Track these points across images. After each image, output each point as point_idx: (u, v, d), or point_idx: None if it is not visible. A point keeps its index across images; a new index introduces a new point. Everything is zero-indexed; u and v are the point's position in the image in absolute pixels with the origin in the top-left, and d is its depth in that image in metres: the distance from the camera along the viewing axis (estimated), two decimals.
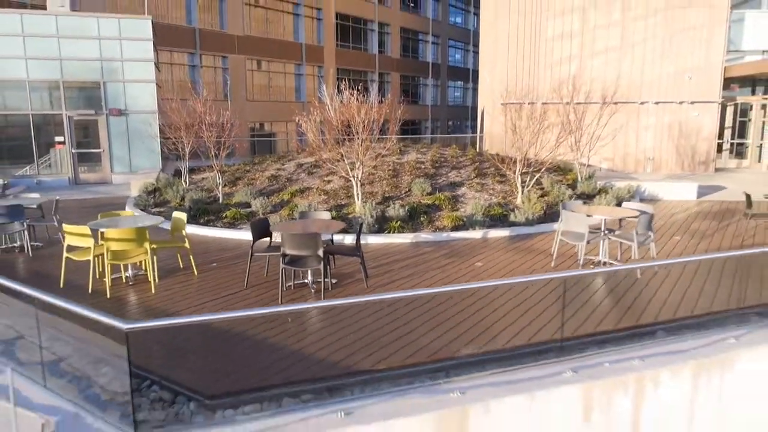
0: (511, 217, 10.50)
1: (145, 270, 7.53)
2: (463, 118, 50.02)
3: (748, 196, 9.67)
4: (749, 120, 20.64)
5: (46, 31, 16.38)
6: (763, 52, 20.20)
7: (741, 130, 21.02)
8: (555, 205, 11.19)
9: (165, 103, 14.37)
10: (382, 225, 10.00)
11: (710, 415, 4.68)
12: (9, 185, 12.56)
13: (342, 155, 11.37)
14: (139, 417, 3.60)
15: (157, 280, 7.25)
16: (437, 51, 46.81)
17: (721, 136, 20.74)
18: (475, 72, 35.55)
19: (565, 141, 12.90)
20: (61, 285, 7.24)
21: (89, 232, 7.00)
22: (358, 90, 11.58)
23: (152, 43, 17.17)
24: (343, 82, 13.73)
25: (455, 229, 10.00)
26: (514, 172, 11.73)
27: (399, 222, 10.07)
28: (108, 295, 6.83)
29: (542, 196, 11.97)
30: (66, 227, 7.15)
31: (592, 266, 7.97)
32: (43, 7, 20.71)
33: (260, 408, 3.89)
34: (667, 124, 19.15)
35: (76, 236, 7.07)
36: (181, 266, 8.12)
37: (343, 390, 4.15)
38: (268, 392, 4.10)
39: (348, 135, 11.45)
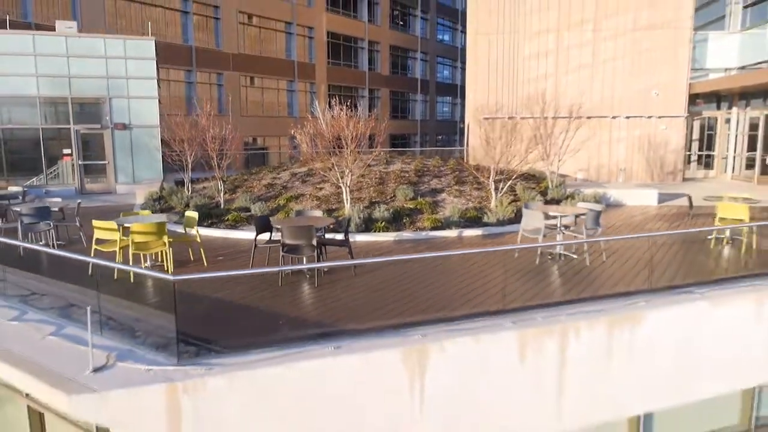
0: (485, 219, 11.87)
1: (162, 261, 8.79)
2: (451, 133, 51.66)
3: (689, 199, 11.10)
4: (715, 133, 22.26)
5: (57, 51, 17.73)
6: (726, 69, 21.89)
7: (708, 142, 22.63)
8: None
9: (170, 118, 15.69)
10: (368, 225, 11.33)
11: (623, 355, 6.00)
12: (27, 193, 13.75)
13: (333, 164, 12.72)
14: (180, 349, 4.87)
15: (172, 269, 8.51)
16: (426, 68, 48.61)
17: (689, 148, 22.33)
18: (463, 88, 37.10)
19: (536, 152, 14.35)
20: (90, 273, 8.47)
21: (116, 227, 8.27)
22: (348, 106, 12.98)
23: (155, 62, 18.55)
24: (335, 98, 15.14)
25: (434, 229, 11.34)
26: (489, 180, 13.13)
27: (384, 223, 11.41)
28: (132, 280, 8.08)
29: (514, 200, 13.36)
30: (96, 222, 8.42)
31: (549, 257, 9.31)
32: (51, 28, 22.14)
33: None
34: (637, 137, 20.71)
35: (104, 230, 8.34)
36: (192, 258, 9.37)
37: (334, 335, 5.45)
38: (278, 335, 5.40)
39: (338, 146, 12.80)
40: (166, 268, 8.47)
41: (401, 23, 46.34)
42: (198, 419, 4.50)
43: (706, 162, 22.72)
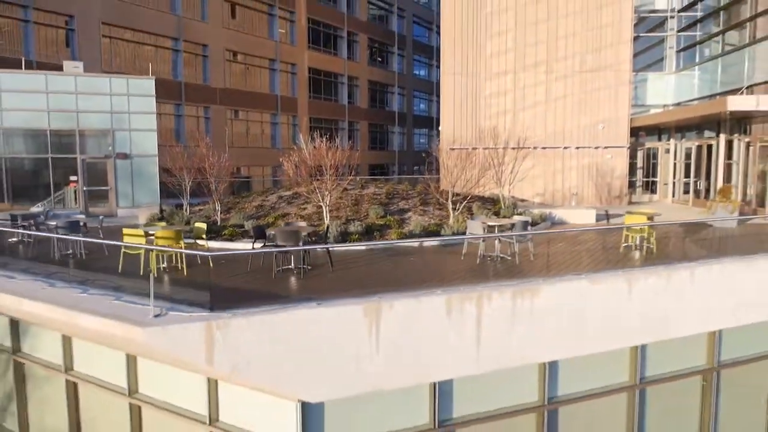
0: (442, 232, 14.44)
1: (175, 262, 11.13)
2: (428, 163, 54.70)
3: (606, 213, 13.79)
4: (657, 162, 25.36)
5: (66, 89, 20.19)
6: (664, 106, 25.14)
7: (652, 170, 25.72)
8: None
9: (170, 148, 18.15)
10: (345, 238, 13.81)
11: (526, 317, 8.50)
12: (48, 213, 15.94)
13: (315, 188, 15.24)
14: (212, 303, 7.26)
15: (185, 268, 10.86)
16: (403, 101, 51.92)
17: (634, 174, 25.37)
18: (438, 120, 40.34)
19: (489, 177, 17.08)
20: (119, 270, 10.79)
21: (143, 233, 10.64)
22: (328, 138, 15.58)
23: (154, 98, 21.10)
24: (316, 131, 17.74)
25: (400, 239, 13.85)
26: (447, 200, 15.77)
27: (358, 236, 13.90)
28: (155, 275, 10.40)
29: (471, 218, 15.96)
30: (126, 230, 10.79)
31: (489, 259, 11.85)
32: (51, 65, 24.65)
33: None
34: (587, 165, 23.67)
35: (132, 237, 10.69)
36: (199, 262, 11.72)
37: (317, 299, 7.88)
38: (279, 298, 7.82)
39: (320, 173, 15.35)
40: (180, 267, 10.81)
41: (379, 59, 49.73)
42: (225, 344, 6.87)
43: (651, 187, 25.75)
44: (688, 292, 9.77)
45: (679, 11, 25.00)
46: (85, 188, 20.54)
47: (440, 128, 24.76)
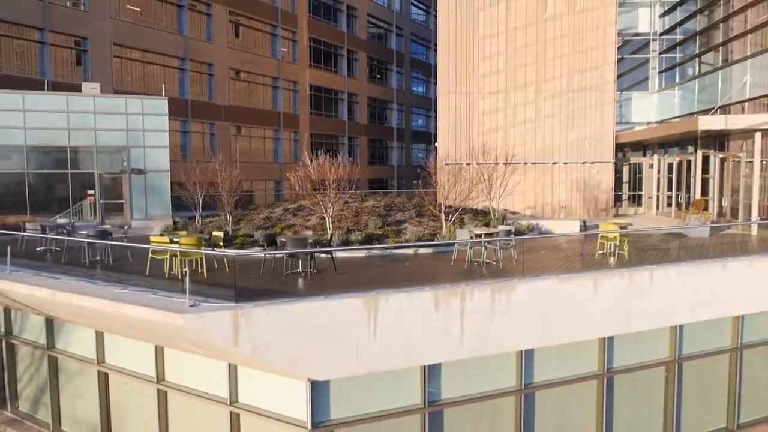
0: (435, 240, 15.95)
1: (196, 267, 12.61)
2: (423, 177, 56.51)
3: (584, 223, 15.30)
4: (642, 176, 26.95)
5: (85, 109, 21.82)
6: (648, 123, 26.78)
7: (638, 184, 27.30)
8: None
9: (183, 164, 19.70)
10: (346, 246, 15.30)
11: (504, 310, 9.99)
12: (74, 223, 17.46)
13: (319, 200, 16.77)
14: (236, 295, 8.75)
15: (205, 271, 12.35)
16: (401, 117, 53.71)
17: (620, 188, 26.95)
18: (435, 135, 42.08)
19: (480, 191, 18.63)
20: (147, 273, 12.27)
21: (168, 240, 12.14)
22: (329, 153, 17.13)
23: (167, 117, 22.73)
24: (320, 147, 19.31)
25: (397, 248, 15.35)
26: (440, 212, 17.31)
27: (358, 244, 15.40)
28: (179, 277, 11.89)
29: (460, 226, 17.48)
30: (153, 238, 12.30)
31: (476, 263, 13.33)
32: (65, 84, 26.30)
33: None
34: (574, 179, 25.25)
35: (160, 243, 12.19)
36: (216, 266, 13.22)
37: (322, 294, 9.38)
38: (290, 293, 9.32)
39: (323, 186, 16.89)
40: (200, 272, 12.30)
41: (378, 77, 51.60)
42: (248, 330, 8.35)
43: (637, 200, 27.32)
44: (648, 292, 11.26)
45: (660, 34, 26.74)
46: (101, 201, 22.08)
47: (436, 144, 26.36)
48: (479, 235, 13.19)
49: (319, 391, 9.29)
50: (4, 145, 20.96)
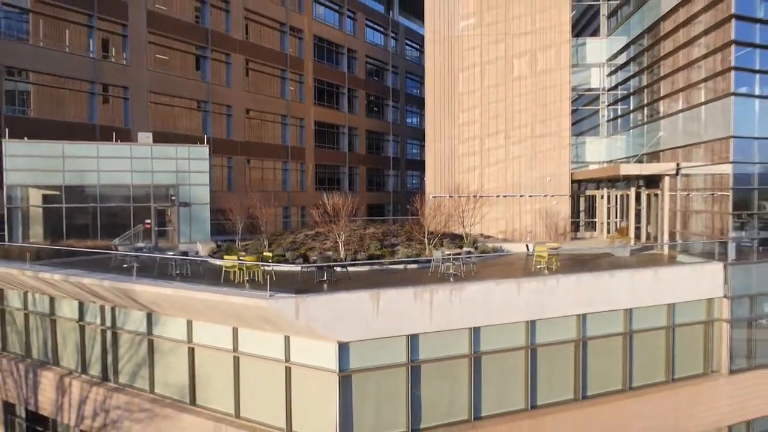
0: (420, 258, 22.48)
1: (255, 277, 19.10)
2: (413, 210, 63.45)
3: (527, 246, 21.88)
4: (595, 206, 33.66)
5: (144, 155, 28.50)
6: (600, 162, 33.58)
7: (592, 212, 34.00)
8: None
9: (223, 196, 26.31)
10: (355, 262, 21.83)
11: (459, 300, 16.49)
12: (150, 248, 23.91)
13: (332, 229, 23.32)
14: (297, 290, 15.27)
15: (261, 279, 18.84)
16: (397, 147, 60.67)
17: (577, 216, 33.64)
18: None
19: (455, 220, 25.25)
20: (221, 281, 18.72)
21: (236, 257, 18.66)
22: (333, 182, 23.74)
23: (208, 161, 29.41)
24: (324, 177, 25.91)
25: (391, 264, 21.89)
26: (424, 237, 23.90)
27: (363, 261, 21.94)
28: (245, 284, 18.33)
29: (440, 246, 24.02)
30: (225, 256, 18.81)
31: (446, 274, 19.83)
32: (111, 128, 33.00)
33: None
34: (538, 209, 31.93)
35: (230, 258, 18.69)
36: (265, 276, 19.68)
37: (350, 290, 15.92)
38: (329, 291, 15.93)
39: (336, 218, 23.46)
40: (258, 279, 18.78)
41: (376, 110, 58.65)
42: (304, 310, 14.85)
43: (592, 226, 34.01)
44: (555, 292, 17.82)
45: (608, 90, 33.69)
46: (155, 228, 28.66)
47: (425, 179, 33.11)
48: (448, 255, 19.78)
49: (343, 349, 15.76)
50: (80, 185, 27.59)
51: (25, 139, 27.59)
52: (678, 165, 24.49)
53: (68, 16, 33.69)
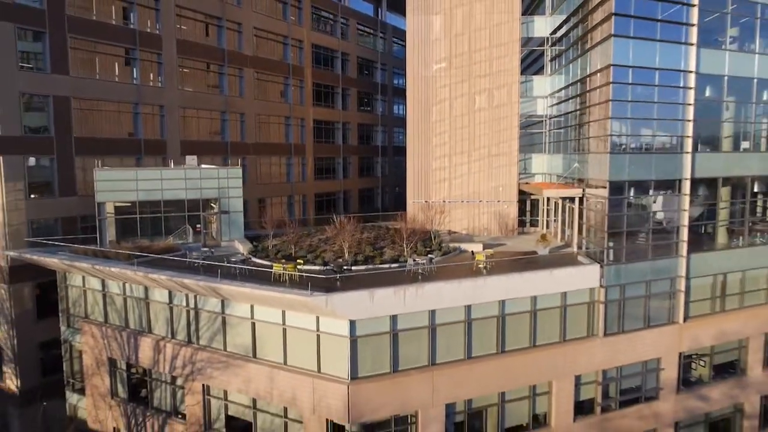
0: (401, 260, 34.75)
1: (294, 277, 31.26)
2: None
3: (473, 253, 34.08)
4: (538, 208, 45.99)
5: (193, 176, 40.22)
6: (543, 174, 45.71)
7: (536, 213, 46.33)
8: (420, 255, 35.56)
9: (254, 204, 38.32)
10: (355, 262, 34.06)
11: (420, 294, 28.87)
12: (213, 251, 35.85)
13: (340, 236, 35.38)
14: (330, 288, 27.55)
15: (297, 279, 31.01)
16: (385, 137, 72.24)
17: (524, 215, 45.99)
18: None
19: (426, 220, 37.47)
20: (272, 280, 30.80)
21: (281, 266, 30.81)
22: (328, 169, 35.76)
23: (242, 179, 41.13)
24: (322, 167, 37.92)
25: (381, 264, 34.15)
26: (403, 241, 36.10)
27: (362, 263, 34.16)
28: (287, 282, 30.43)
29: (415, 252, 36.30)
30: (275, 265, 30.96)
31: (416, 274, 32.08)
32: (154, 140, 44.53)
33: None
34: (493, 211, 44.18)
35: (278, 265, 30.82)
36: (299, 279, 31.84)
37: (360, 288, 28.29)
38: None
39: (343, 226, 35.54)
40: (295, 279, 30.97)
41: (366, 105, 69.93)
42: (332, 302, 27.10)
43: (535, 224, 46.44)
44: (484, 286, 30.23)
45: (550, 118, 45.52)
46: (204, 231, 40.65)
47: (407, 190, 45.23)
48: (417, 262, 32.11)
49: (352, 324, 28.12)
50: (149, 200, 39.32)
51: (100, 164, 39.21)
52: (584, 191, 36.71)
53: (114, 51, 44.77)
